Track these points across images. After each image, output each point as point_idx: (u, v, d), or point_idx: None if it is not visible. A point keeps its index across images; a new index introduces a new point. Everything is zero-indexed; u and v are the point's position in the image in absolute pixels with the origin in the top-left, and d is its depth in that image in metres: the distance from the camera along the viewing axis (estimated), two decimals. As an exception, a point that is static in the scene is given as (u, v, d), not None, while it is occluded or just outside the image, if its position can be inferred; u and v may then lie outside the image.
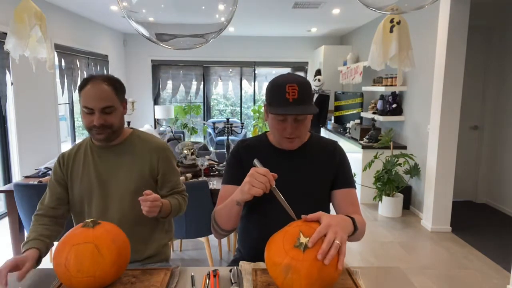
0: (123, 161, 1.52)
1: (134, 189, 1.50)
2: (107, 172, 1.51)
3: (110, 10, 5.47)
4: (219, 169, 3.06)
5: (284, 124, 1.28)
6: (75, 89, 5.62)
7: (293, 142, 1.32)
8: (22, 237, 2.67)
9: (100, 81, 1.42)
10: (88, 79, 1.43)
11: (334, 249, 0.97)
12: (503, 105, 4.42)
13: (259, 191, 1.12)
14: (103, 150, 1.53)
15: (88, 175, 1.51)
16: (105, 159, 1.52)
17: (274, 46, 7.94)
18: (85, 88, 1.41)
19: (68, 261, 1.04)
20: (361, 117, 5.46)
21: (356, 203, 1.38)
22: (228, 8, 1.36)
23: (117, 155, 1.52)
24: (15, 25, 2.62)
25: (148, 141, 1.58)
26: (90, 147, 1.54)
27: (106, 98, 1.41)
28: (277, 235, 1.06)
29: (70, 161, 1.53)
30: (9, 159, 4.26)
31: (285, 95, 1.23)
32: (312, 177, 1.36)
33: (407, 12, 1.34)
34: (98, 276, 1.06)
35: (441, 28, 3.63)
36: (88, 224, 1.13)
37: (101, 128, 1.41)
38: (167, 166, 1.57)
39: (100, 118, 1.40)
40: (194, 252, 3.25)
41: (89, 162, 1.51)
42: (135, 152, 1.54)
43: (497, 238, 3.62)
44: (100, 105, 1.39)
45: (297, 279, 0.96)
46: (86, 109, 1.40)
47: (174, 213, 1.55)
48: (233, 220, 1.28)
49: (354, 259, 3.14)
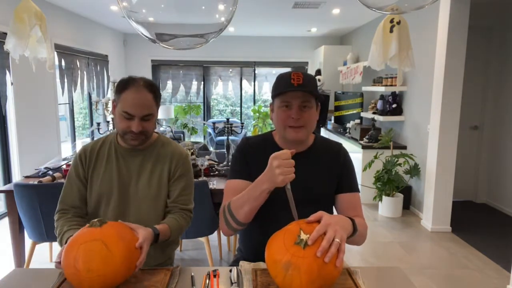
0: (145, 166, 1.49)
1: (152, 194, 1.48)
2: (129, 175, 1.48)
3: (110, 10, 5.47)
4: (219, 169, 3.06)
5: (289, 111, 1.28)
6: (75, 89, 5.62)
7: (298, 132, 1.29)
8: (22, 237, 2.67)
9: (142, 87, 1.38)
10: (129, 82, 1.39)
11: (334, 247, 0.97)
12: (503, 105, 4.41)
13: (293, 176, 1.11)
14: (128, 152, 1.49)
15: (110, 175, 1.47)
16: (129, 161, 1.49)
17: (274, 46, 7.94)
18: (126, 91, 1.37)
19: (76, 261, 1.01)
20: (361, 117, 5.46)
21: (359, 207, 1.38)
22: (228, 8, 1.36)
23: (141, 159, 1.50)
24: (15, 25, 2.62)
25: (170, 148, 1.55)
26: (115, 147, 1.50)
27: (148, 106, 1.39)
28: (277, 234, 1.07)
29: (93, 156, 1.49)
30: (9, 159, 4.26)
31: (290, 81, 1.25)
32: (317, 179, 1.36)
33: (407, 12, 1.34)
34: (109, 274, 1.02)
35: (441, 28, 3.63)
36: (95, 223, 1.10)
37: (138, 134, 1.39)
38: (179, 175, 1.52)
39: (139, 125, 1.38)
40: (194, 252, 3.25)
41: (112, 162, 1.48)
42: (158, 158, 1.51)
43: (497, 238, 3.62)
44: (141, 113, 1.37)
45: (297, 275, 0.96)
46: (126, 114, 1.37)
47: (174, 236, 1.45)
48: (257, 209, 1.23)
49: (354, 259, 3.14)
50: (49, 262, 3.04)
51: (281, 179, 1.10)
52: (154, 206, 1.50)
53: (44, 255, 3.10)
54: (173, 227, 1.43)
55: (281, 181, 1.11)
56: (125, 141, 1.44)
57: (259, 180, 1.18)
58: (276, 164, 1.11)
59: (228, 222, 1.27)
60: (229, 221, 1.27)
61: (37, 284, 1.17)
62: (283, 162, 1.11)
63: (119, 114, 1.39)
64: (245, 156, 1.39)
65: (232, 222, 1.26)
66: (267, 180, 1.15)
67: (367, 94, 5.57)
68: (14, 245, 2.65)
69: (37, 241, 2.58)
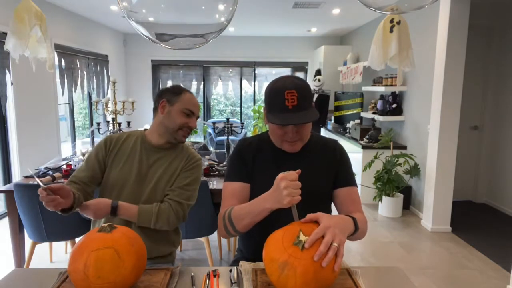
0: (163, 163, 1.58)
1: (162, 188, 1.55)
2: (147, 170, 1.56)
3: (110, 10, 5.47)
4: (219, 169, 3.06)
5: (285, 129, 1.28)
6: (75, 89, 5.62)
7: (294, 146, 1.31)
8: (22, 237, 2.67)
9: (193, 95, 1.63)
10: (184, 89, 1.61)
11: (332, 252, 0.97)
12: (503, 105, 4.41)
13: (299, 198, 1.09)
14: (154, 149, 1.59)
15: (130, 166, 1.55)
16: (152, 158, 1.58)
17: (274, 46, 7.94)
18: (185, 93, 1.59)
19: (87, 268, 1.00)
20: (361, 117, 5.46)
21: (357, 201, 1.37)
22: (228, 8, 1.36)
23: (162, 157, 1.59)
24: (15, 25, 2.62)
25: (189, 150, 1.66)
26: (141, 142, 1.60)
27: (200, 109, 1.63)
28: (277, 232, 1.07)
29: (117, 145, 1.59)
30: (9, 159, 4.26)
31: (284, 103, 1.21)
32: (314, 176, 1.36)
33: (407, 12, 1.34)
34: (119, 282, 1.03)
35: (441, 28, 3.63)
36: (105, 228, 1.10)
37: (189, 131, 1.61)
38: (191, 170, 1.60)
39: (195, 122, 1.61)
40: (194, 252, 3.25)
41: (135, 155, 1.57)
42: (177, 156, 1.61)
43: (497, 238, 3.62)
44: (198, 112, 1.62)
45: (293, 276, 0.96)
46: (188, 111, 1.57)
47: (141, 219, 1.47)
48: (254, 223, 1.24)
49: (354, 259, 3.14)
50: (49, 262, 3.04)
51: (288, 200, 1.08)
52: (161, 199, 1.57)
53: (44, 255, 3.10)
54: (143, 210, 1.47)
55: (287, 202, 1.09)
56: (177, 136, 1.57)
57: (263, 198, 1.18)
58: (284, 185, 1.08)
59: (227, 228, 1.28)
60: (228, 228, 1.28)
61: (37, 284, 1.17)
62: (290, 183, 1.09)
63: (179, 112, 1.56)
64: (243, 157, 1.39)
65: (231, 229, 1.28)
66: (272, 199, 1.14)
67: (367, 94, 5.57)
68: (14, 245, 2.65)
69: (37, 241, 2.58)
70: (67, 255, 3.16)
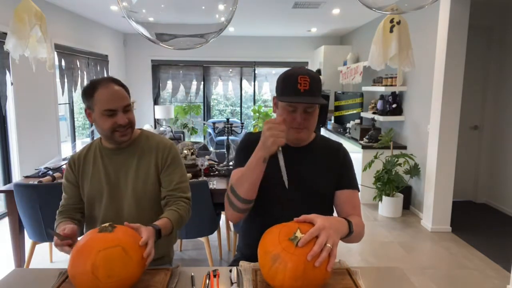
0: (131, 163, 1.51)
1: (141, 190, 1.50)
2: (116, 174, 1.51)
3: (110, 10, 5.47)
4: (219, 169, 3.06)
5: (294, 114, 1.29)
6: (75, 89, 5.62)
7: (300, 133, 1.32)
8: (22, 237, 2.67)
9: (110, 83, 1.41)
10: (95, 83, 1.40)
11: (326, 252, 0.98)
12: (503, 105, 4.41)
13: (283, 140, 1.14)
14: (113, 152, 1.52)
15: (98, 177, 1.51)
16: (114, 161, 1.52)
17: (274, 46, 7.94)
18: (97, 92, 1.38)
19: (96, 268, 1.00)
20: (361, 117, 5.46)
21: (357, 205, 1.38)
22: (228, 8, 1.36)
23: (126, 157, 1.52)
24: (15, 25, 2.62)
25: (154, 141, 1.56)
26: (99, 149, 1.53)
27: (124, 97, 1.42)
28: (275, 226, 1.09)
29: (80, 163, 1.54)
30: (9, 159, 4.26)
31: (297, 86, 1.25)
32: (315, 175, 1.36)
33: (407, 12, 1.34)
34: (128, 278, 1.05)
35: (441, 28, 3.63)
36: (107, 228, 1.10)
37: (126, 127, 1.42)
38: (170, 164, 1.53)
39: (124, 117, 1.41)
40: (194, 252, 3.25)
41: (99, 164, 1.51)
42: (143, 152, 1.53)
43: (497, 238, 3.62)
44: (122, 103, 1.40)
45: (282, 270, 0.98)
46: (108, 111, 1.38)
47: (177, 227, 1.45)
48: (256, 184, 1.24)
49: (354, 259, 3.13)
50: (49, 262, 3.04)
51: (271, 141, 1.13)
52: (147, 198, 1.51)
53: (44, 255, 3.10)
54: (174, 219, 1.42)
55: (271, 143, 1.13)
56: (114, 139, 1.45)
57: (256, 150, 1.22)
58: (267, 127, 1.15)
59: (232, 202, 1.28)
60: (233, 202, 1.27)
61: (37, 284, 1.17)
62: (273, 126, 1.14)
63: (100, 116, 1.40)
64: (247, 148, 1.39)
65: (236, 201, 1.26)
66: (261, 146, 1.19)
67: (367, 94, 5.57)
68: (14, 245, 2.65)
69: (37, 241, 2.58)
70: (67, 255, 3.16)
